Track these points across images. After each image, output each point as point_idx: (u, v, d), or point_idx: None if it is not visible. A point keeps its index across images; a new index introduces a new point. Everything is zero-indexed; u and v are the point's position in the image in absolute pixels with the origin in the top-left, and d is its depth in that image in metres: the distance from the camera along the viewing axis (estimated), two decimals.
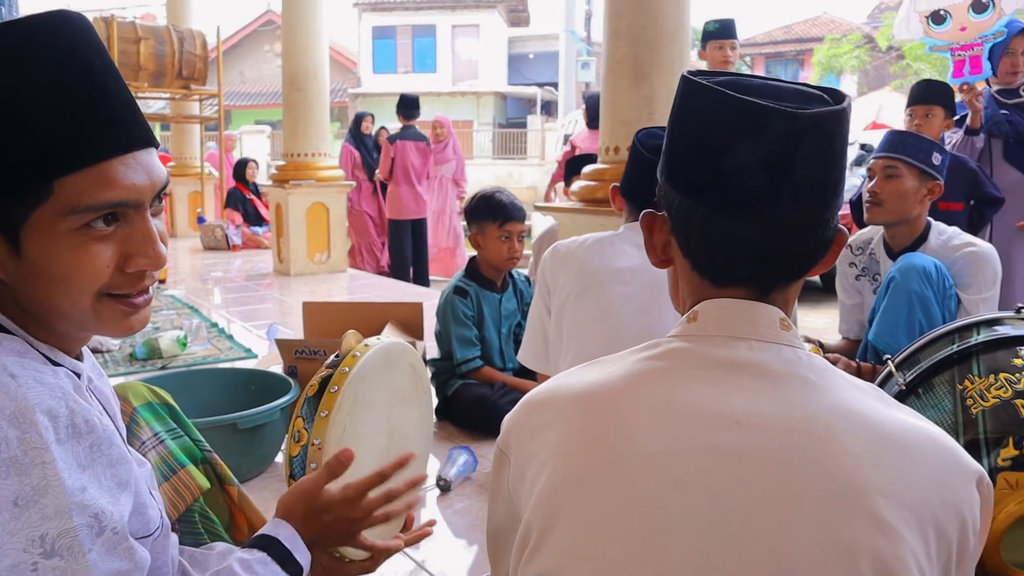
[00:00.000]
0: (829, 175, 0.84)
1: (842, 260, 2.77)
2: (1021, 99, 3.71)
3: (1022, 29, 3.73)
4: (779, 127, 0.81)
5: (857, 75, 22.83)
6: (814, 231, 0.85)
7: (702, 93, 0.86)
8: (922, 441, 0.82)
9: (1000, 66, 3.70)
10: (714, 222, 0.85)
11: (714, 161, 0.84)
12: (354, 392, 1.37)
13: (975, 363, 1.68)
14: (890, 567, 0.74)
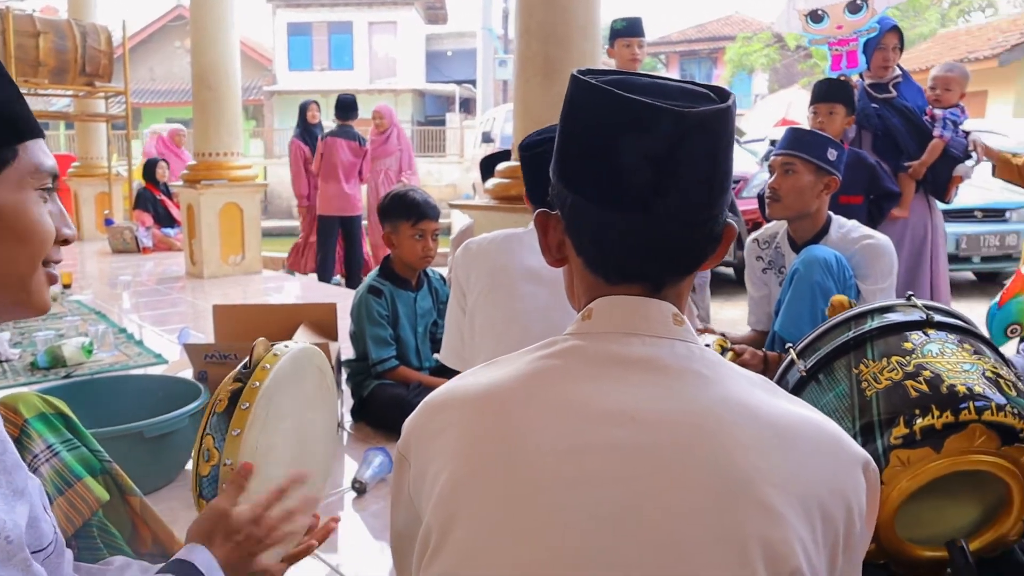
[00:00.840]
0: (715, 171, 0.86)
1: (749, 254, 2.85)
2: (890, 94, 3.87)
3: (894, 26, 3.89)
4: (666, 125, 0.82)
5: (768, 73, 23.49)
6: (702, 226, 0.87)
7: (591, 92, 0.86)
8: (808, 430, 0.84)
9: (873, 60, 3.85)
10: (605, 220, 0.86)
11: (603, 159, 0.85)
12: (266, 407, 1.34)
13: (869, 348, 1.75)
14: (778, 553, 0.76)
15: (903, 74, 3.98)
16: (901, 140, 3.84)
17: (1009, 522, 1.73)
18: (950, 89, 3.88)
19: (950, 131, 3.81)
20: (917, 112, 3.87)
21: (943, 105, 3.87)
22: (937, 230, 3.96)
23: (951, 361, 1.67)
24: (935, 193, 3.94)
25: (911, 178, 3.83)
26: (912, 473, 1.61)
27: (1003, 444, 1.60)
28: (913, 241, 3.88)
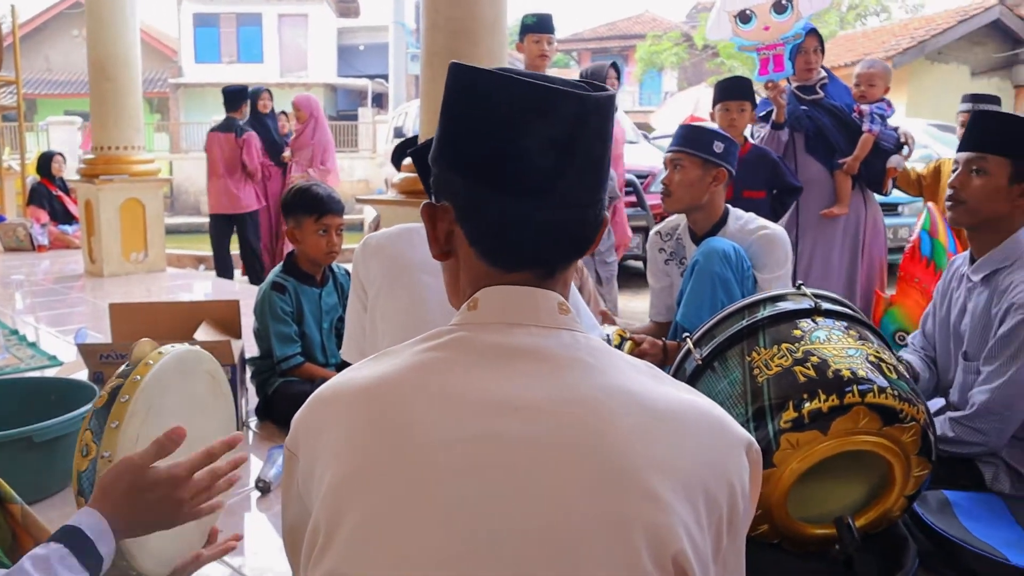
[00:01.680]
0: (604, 154, 0.89)
1: (652, 246, 2.91)
2: (818, 96, 4.01)
3: (812, 29, 4.03)
4: (568, 109, 0.85)
5: (677, 71, 23.98)
6: (593, 208, 0.90)
7: (490, 80, 0.87)
8: (691, 414, 0.86)
9: (796, 64, 3.99)
10: (505, 206, 0.87)
11: (505, 145, 0.85)
12: (147, 401, 1.31)
13: (762, 336, 1.81)
14: (662, 537, 0.78)
15: (828, 75, 4.12)
16: (832, 138, 3.97)
17: (892, 498, 1.81)
18: (874, 85, 4.03)
19: (878, 125, 3.96)
20: (846, 110, 4.00)
21: (869, 100, 4.02)
22: (874, 222, 4.10)
23: (837, 347, 1.74)
24: (871, 186, 4.08)
25: (846, 174, 3.96)
26: (801, 455, 1.67)
27: (885, 424, 1.67)
28: (847, 234, 4.02)
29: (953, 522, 2.00)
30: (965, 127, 2.29)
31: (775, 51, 3.98)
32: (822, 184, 3.98)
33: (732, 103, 3.73)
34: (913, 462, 1.76)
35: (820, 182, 3.96)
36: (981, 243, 2.23)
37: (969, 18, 14.10)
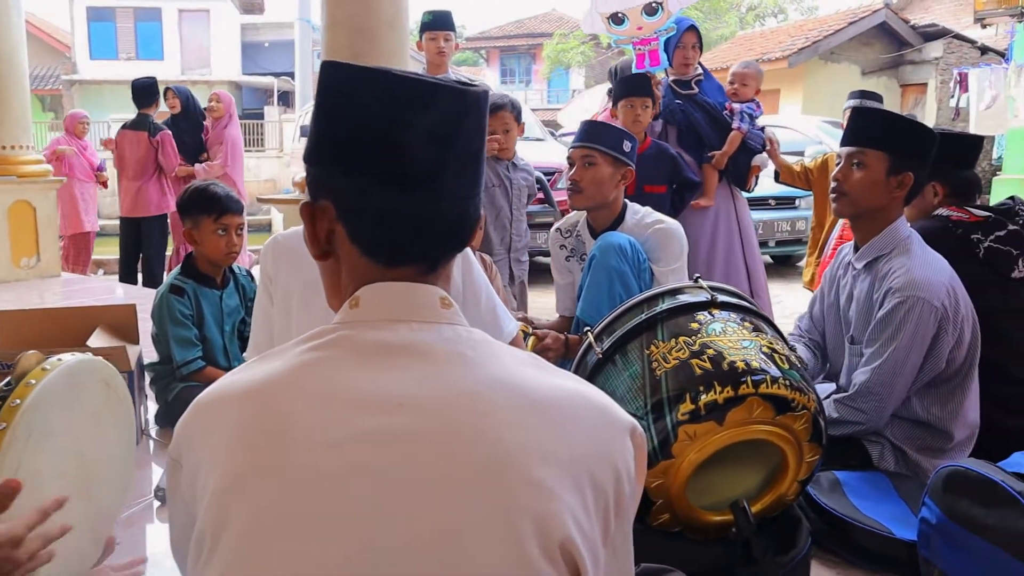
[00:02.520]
0: (481, 147, 0.91)
1: (553, 243, 2.94)
2: (693, 91, 4.12)
3: (691, 26, 4.15)
4: (448, 102, 0.86)
5: (584, 69, 24.27)
6: (472, 201, 0.91)
7: (371, 75, 0.88)
8: (575, 402, 0.88)
9: (674, 59, 4.09)
10: (388, 200, 0.87)
11: (387, 140, 0.86)
12: (28, 426, 1.23)
13: (660, 329, 1.86)
14: (549, 525, 0.79)
15: (704, 72, 4.23)
16: (703, 133, 4.08)
17: (786, 484, 1.88)
18: (746, 84, 4.16)
19: (747, 124, 4.09)
20: (717, 107, 4.12)
21: (740, 99, 4.14)
22: (742, 216, 4.23)
23: (732, 339, 1.80)
24: (736, 182, 4.21)
25: (714, 168, 4.08)
26: (699, 446, 1.72)
27: (778, 413, 1.74)
28: (722, 229, 4.13)
29: (843, 501, 2.09)
30: (846, 123, 2.40)
31: (650, 46, 4.07)
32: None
33: (636, 99, 3.79)
34: (805, 448, 1.83)
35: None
36: (863, 232, 2.34)
37: (858, 20, 14.73)
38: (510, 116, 3.78)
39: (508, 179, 3.85)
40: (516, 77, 28.39)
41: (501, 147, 3.77)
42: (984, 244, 2.48)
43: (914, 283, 2.15)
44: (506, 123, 3.77)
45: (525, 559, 0.78)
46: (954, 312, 2.18)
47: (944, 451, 2.25)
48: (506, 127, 3.77)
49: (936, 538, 1.82)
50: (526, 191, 3.92)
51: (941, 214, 2.58)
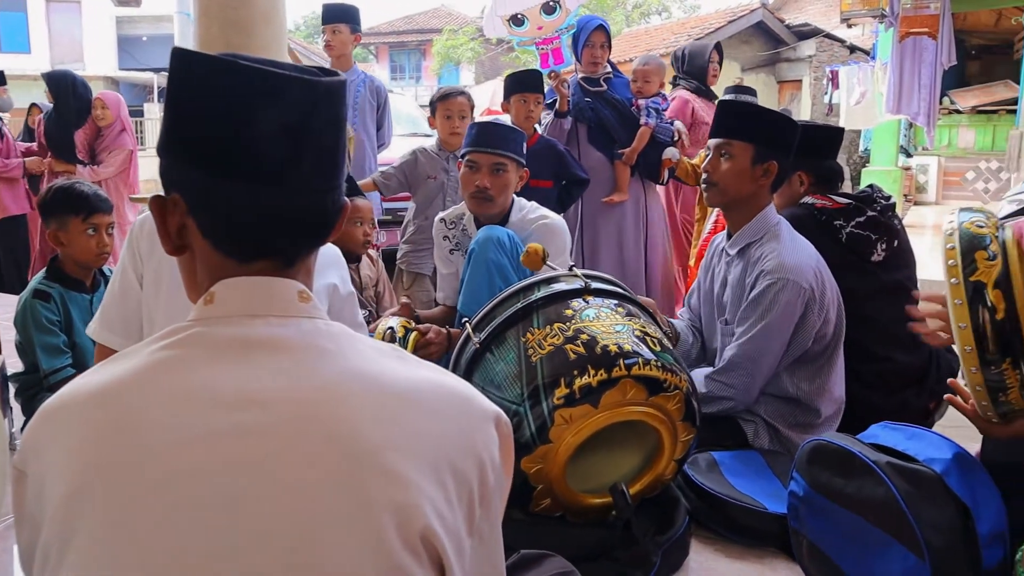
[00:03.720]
0: (338, 140, 0.89)
1: (438, 233, 2.93)
2: (601, 88, 4.18)
3: (600, 24, 4.21)
4: (298, 94, 0.84)
5: (474, 65, 24.31)
6: (331, 195, 0.89)
7: (218, 66, 0.84)
8: (435, 392, 0.88)
9: (583, 58, 4.14)
10: (239, 194, 0.84)
11: (236, 132, 0.83)
12: None
13: (536, 317, 1.88)
14: (408, 516, 0.79)
15: (613, 69, 4.29)
16: (613, 130, 4.14)
17: (663, 463, 1.94)
18: (649, 80, 4.23)
19: (655, 118, 4.16)
20: (626, 103, 4.18)
21: (645, 95, 4.21)
22: (654, 209, 4.32)
23: (605, 324, 1.83)
24: (649, 176, 4.28)
25: (625, 164, 4.14)
26: (575, 429, 1.75)
27: (651, 395, 1.79)
28: (632, 223, 4.21)
29: (719, 480, 2.17)
30: (714, 116, 2.48)
31: (552, 45, 4.11)
32: (603, 173, 4.15)
33: (529, 95, 3.81)
34: (679, 428, 1.88)
35: (601, 171, 4.14)
36: (734, 220, 2.42)
37: (737, 19, 15.24)
38: (466, 104, 3.79)
39: (446, 171, 3.80)
40: (406, 73, 28.18)
41: (454, 133, 3.75)
42: (846, 229, 2.61)
43: (784, 266, 2.25)
44: (463, 110, 3.76)
45: (385, 551, 0.77)
46: (820, 293, 2.29)
47: (813, 426, 2.36)
48: (463, 114, 3.76)
49: (803, 509, 1.90)
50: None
51: (807, 202, 2.70)
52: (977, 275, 1.48)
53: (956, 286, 1.49)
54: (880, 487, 1.67)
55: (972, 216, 1.58)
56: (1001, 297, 1.46)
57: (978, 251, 1.49)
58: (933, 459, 1.68)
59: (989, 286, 1.47)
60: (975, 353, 1.47)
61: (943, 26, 6.53)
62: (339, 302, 2.01)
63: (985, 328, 1.46)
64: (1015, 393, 1.49)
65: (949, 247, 1.53)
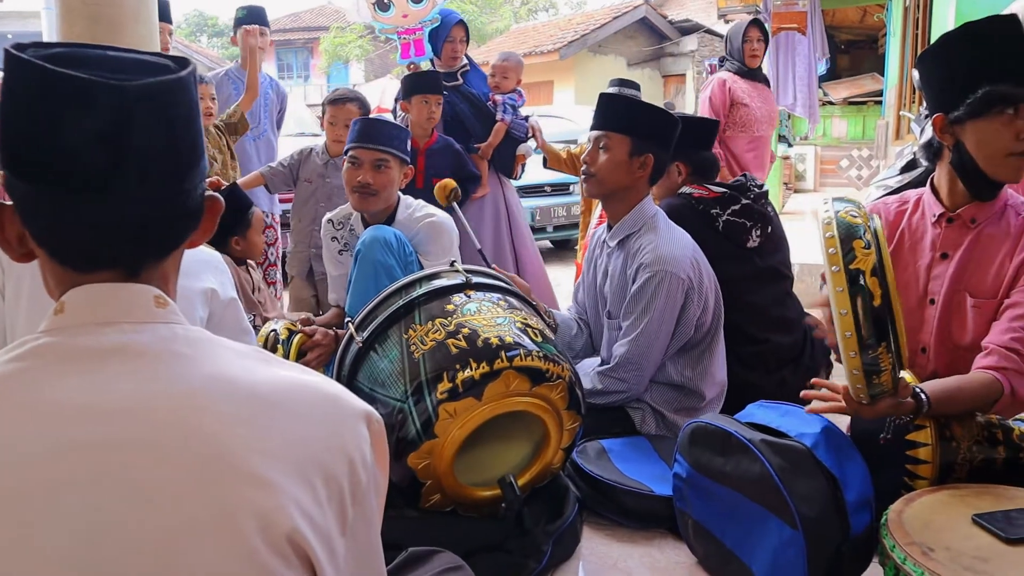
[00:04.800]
0: (177, 144, 0.83)
1: (326, 234, 2.89)
2: (458, 82, 4.19)
3: (460, 20, 4.22)
4: (107, 100, 0.78)
5: (363, 63, 24.02)
6: (173, 202, 0.85)
7: (27, 69, 0.79)
8: (300, 393, 0.86)
9: (443, 52, 4.15)
10: (62, 206, 0.80)
11: (48, 141, 0.78)
12: None
13: (418, 313, 1.88)
14: (273, 519, 0.77)
15: (470, 63, 4.30)
16: (469, 125, 4.15)
17: (551, 452, 1.96)
18: (507, 77, 4.27)
19: (511, 114, 4.20)
20: (482, 98, 4.20)
21: (503, 91, 4.25)
22: (512, 203, 4.34)
23: (487, 317, 1.85)
24: (503, 171, 4.32)
25: (481, 159, 4.17)
26: (461, 423, 1.76)
27: (534, 385, 1.81)
28: (491, 217, 4.22)
29: (608, 466, 2.21)
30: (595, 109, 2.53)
31: (415, 36, 4.11)
32: None
33: (431, 96, 3.79)
34: (564, 417, 1.91)
35: None
36: (614, 212, 2.48)
37: (622, 15, 15.59)
38: (357, 111, 3.68)
39: (323, 176, 3.71)
40: (294, 72, 27.58)
41: (338, 140, 3.64)
42: (723, 218, 2.71)
43: (661, 258, 2.31)
44: (350, 118, 3.65)
45: (251, 556, 0.76)
46: (698, 282, 2.36)
47: (698, 410, 2.43)
48: (348, 123, 3.65)
49: (687, 490, 1.96)
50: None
51: (685, 192, 2.78)
52: (856, 263, 1.53)
53: (837, 273, 1.54)
54: (755, 464, 1.74)
55: (846, 206, 1.64)
56: (877, 284, 1.52)
57: (855, 240, 1.54)
58: (804, 434, 1.76)
59: (867, 273, 1.52)
60: (855, 338, 1.52)
61: (813, 22, 6.82)
62: (220, 308, 1.96)
63: (863, 314, 1.52)
64: (887, 375, 1.56)
65: (828, 235, 1.57)
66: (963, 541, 1.43)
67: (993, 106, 1.74)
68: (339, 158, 3.67)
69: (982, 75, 1.76)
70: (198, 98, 0.88)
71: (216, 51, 25.42)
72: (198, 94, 0.88)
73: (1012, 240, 1.85)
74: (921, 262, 1.95)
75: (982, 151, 1.79)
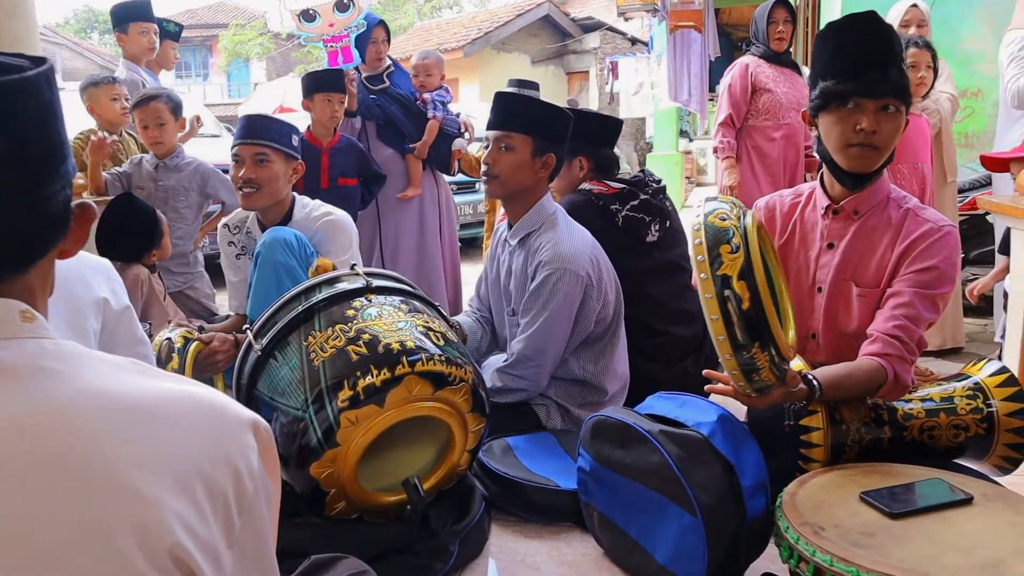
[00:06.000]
0: (25, 149, 0.79)
1: (222, 239, 2.82)
2: (385, 84, 4.16)
3: (380, 21, 4.19)
4: None
5: (264, 61, 23.50)
6: (29, 211, 0.81)
7: None
8: (180, 404, 0.84)
9: (367, 54, 4.11)
10: None
11: None
12: None
13: (318, 319, 1.85)
14: (153, 534, 0.75)
15: (393, 64, 4.27)
16: (401, 125, 4.13)
17: (456, 455, 1.97)
18: (430, 74, 4.25)
19: (441, 111, 4.19)
20: (411, 98, 4.18)
21: (429, 89, 4.23)
22: (448, 201, 4.34)
23: (388, 322, 1.83)
24: (440, 168, 4.30)
25: (417, 159, 4.14)
26: (363, 430, 1.74)
27: (437, 389, 1.81)
28: (431, 215, 4.21)
29: (514, 464, 2.23)
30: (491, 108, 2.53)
31: (342, 43, 4.06)
32: (396, 168, 4.15)
33: (334, 95, 3.74)
34: (469, 419, 1.92)
35: (394, 167, 4.14)
36: (515, 211, 2.49)
37: (525, 12, 15.67)
38: (164, 108, 3.53)
39: (155, 181, 3.59)
40: (192, 70, 26.76)
41: (155, 142, 3.52)
42: (622, 213, 2.76)
43: (560, 256, 2.34)
44: (159, 116, 3.52)
45: (131, 573, 0.74)
46: (597, 279, 2.40)
47: (601, 404, 2.47)
48: (160, 120, 3.52)
49: (591, 483, 1.99)
50: (194, 192, 3.67)
51: (585, 188, 2.82)
52: (723, 268, 1.56)
53: (705, 280, 1.57)
54: (654, 454, 1.78)
55: (716, 207, 1.67)
56: (745, 287, 1.56)
57: (722, 245, 1.58)
58: (700, 423, 1.81)
59: (734, 278, 1.56)
60: (727, 342, 1.56)
61: (707, 20, 7.01)
62: (113, 318, 1.89)
63: (734, 318, 1.55)
64: (766, 372, 1.61)
65: (697, 242, 1.61)
66: (851, 518, 1.50)
67: (829, 101, 1.84)
68: (168, 159, 3.61)
69: (822, 72, 1.86)
70: (56, 98, 0.84)
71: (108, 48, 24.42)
72: (56, 94, 0.84)
73: (893, 231, 1.93)
74: (811, 252, 2.03)
75: (830, 143, 1.89)
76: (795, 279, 2.03)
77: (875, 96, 1.80)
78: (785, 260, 2.01)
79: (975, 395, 1.93)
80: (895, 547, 1.40)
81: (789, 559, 1.49)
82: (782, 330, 1.65)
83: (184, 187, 3.63)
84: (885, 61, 1.80)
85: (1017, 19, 3.33)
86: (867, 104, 1.80)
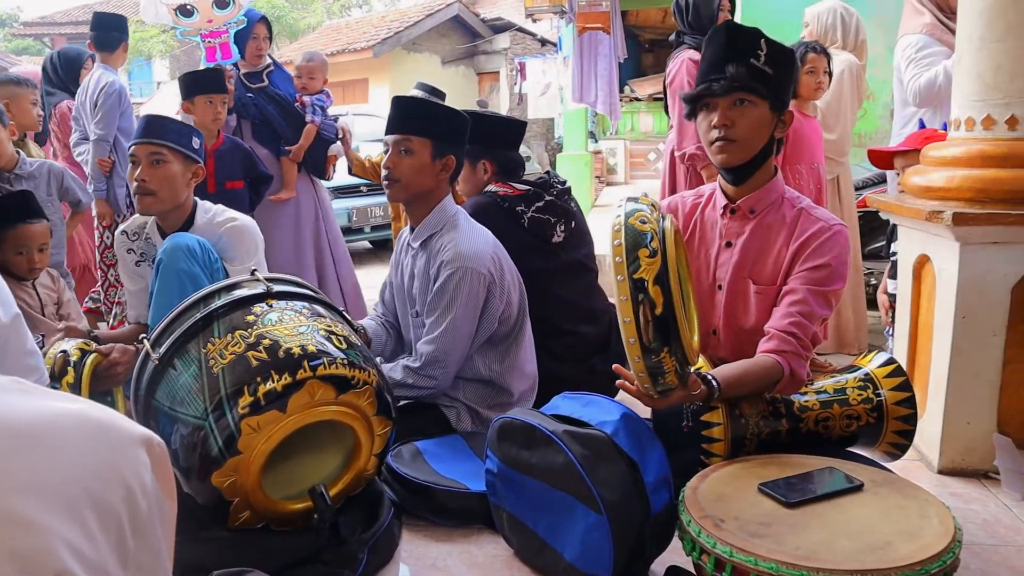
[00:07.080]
0: None
1: (120, 246, 2.73)
2: (263, 83, 4.07)
3: (262, 17, 4.10)
4: None
5: (167, 59, 22.79)
6: None
7: None
8: (64, 423, 0.81)
9: (247, 51, 4.01)
10: None
11: None
12: None
13: (216, 326, 1.80)
14: (35, 561, 0.72)
15: (274, 63, 4.18)
16: (278, 127, 4.04)
17: (363, 459, 1.95)
18: (314, 77, 4.18)
19: (320, 116, 4.12)
20: (289, 99, 4.09)
21: (310, 92, 4.15)
22: (324, 204, 4.26)
23: (289, 327, 1.80)
24: (316, 172, 4.23)
25: (292, 161, 4.05)
26: (265, 436, 1.71)
27: (340, 393, 1.78)
28: (306, 219, 4.12)
29: (424, 467, 2.22)
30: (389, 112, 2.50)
31: (220, 39, 3.96)
32: (270, 170, 4.04)
33: (216, 96, 3.61)
34: (374, 423, 1.90)
35: (268, 168, 4.03)
36: (416, 213, 2.48)
37: (435, 12, 15.61)
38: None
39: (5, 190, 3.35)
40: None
41: None
42: (528, 214, 2.78)
43: (462, 255, 2.34)
44: None
45: None
46: (500, 277, 2.41)
47: (510, 405, 2.48)
48: None
49: (499, 484, 2.00)
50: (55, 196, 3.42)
51: (490, 190, 2.83)
52: (640, 272, 1.58)
53: (622, 283, 1.59)
54: (560, 454, 1.80)
55: (637, 208, 1.69)
56: (660, 292, 1.58)
57: (641, 248, 1.60)
58: (604, 422, 1.83)
59: (650, 282, 1.58)
60: (638, 344, 1.59)
61: (614, 22, 7.12)
62: (3, 330, 1.80)
63: (646, 322, 1.57)
64: (672, 376, 1.64)
65: (616, 243, 1.62)
66: (749, 509, 1.55)
67: (693, 108, 2.01)
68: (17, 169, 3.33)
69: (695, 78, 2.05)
70: None
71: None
72: None
73: (788, 229, 2.01)
74: (711, 251, 2.09)
75: (704, 144, 2.04)
76: (697, 277, 2.08)
77: (722, 93, 1.93)
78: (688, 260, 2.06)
79: (865, 386, 2.02)
80: (791, 535, 1.45)
81: (692, 552, 1.53)
82: (689, 335, 1.69)
83: (44, 196, 3.33)
84: (725, 60, 1.92)
85: (905, 26, 3.51)
86: (718, 101, 1.95)
